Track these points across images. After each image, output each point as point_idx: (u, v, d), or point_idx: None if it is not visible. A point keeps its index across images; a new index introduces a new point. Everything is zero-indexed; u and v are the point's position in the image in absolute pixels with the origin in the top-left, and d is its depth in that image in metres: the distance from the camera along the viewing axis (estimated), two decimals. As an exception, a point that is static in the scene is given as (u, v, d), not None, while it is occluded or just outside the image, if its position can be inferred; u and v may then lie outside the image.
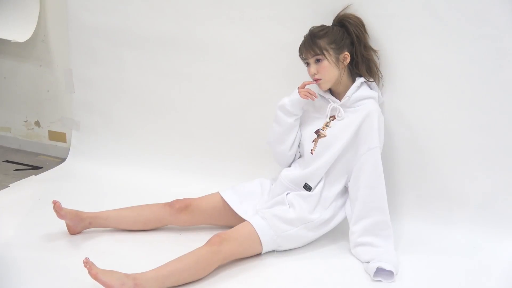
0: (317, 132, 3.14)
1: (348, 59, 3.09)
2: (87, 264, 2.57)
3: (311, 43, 3.06)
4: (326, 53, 3.04)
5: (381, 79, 3.22)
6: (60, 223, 3.18)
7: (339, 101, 3.12)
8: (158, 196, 3.35)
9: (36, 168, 4.33)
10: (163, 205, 3.24)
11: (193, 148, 3.93)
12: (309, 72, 3.10)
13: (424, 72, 3.17)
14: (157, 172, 3.98)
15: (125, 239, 3.18)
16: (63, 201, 3.13)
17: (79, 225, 3.18)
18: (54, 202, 3.09)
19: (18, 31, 4.37)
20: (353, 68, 3.15)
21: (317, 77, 3.07)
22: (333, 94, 3.19)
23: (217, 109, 3.81)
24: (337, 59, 3.07)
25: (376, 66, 3.19)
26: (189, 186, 3.63)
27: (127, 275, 2.59)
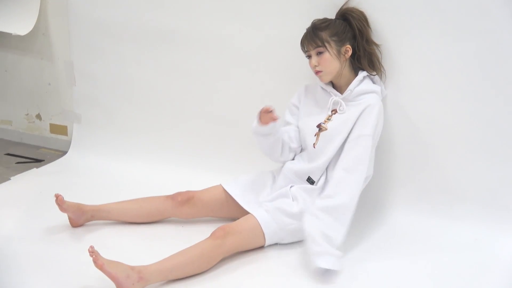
0: (319, 126, 3.14)
1: (350, 52, 3.09)
2: (93, 254, 2.57)
3: (313, 35, 3.06)
4: (328, 45, 3.04)
5: (383, 73, 3.21)
6: (62, 216, 3.18)
7: (341, 95, 3.13)
8: (160, 189, 3.35)
9: (38, 161, 4.33)
10: (165, 198, 3.24)
11: (195, 141, 3.94)
12: (310, 65, 3.10)
13: (426, 66, 3.17)
14: (159, 165, 3.98)
15: (128, 232, 3.18)
16: (65, 194, 3.13)
17: (81, 218, 3.18)
18: (57, 196, 3.09)
19: (19, 24, 4.37)
20: (355, 62, 3.15)
21: (318, 69, 3.07)
22: (335, 88, 3.19)
23: (218, 103, 3.81)
24: (339, 52, 3.06)
25: (378, 60, 3.19)
26: (191, 179, 3.62)
27: (132, 268, 2.58)
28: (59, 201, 3.10)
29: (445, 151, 3.22)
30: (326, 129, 3.11)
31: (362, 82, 3.11)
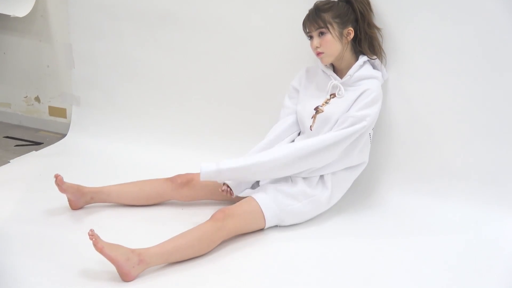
0: (316, 109, 3.14)
1: (352, 35, 3.08)
2: (93, 237, 2.57)
3: (315, 16, 3.04)
4: (330, 27, 3.02)
5: (384, 57, 3.20)
6: (62, 199, 3.18)
7: (340, 79, 3.12)
8: (160, 171, 3.35)
9: (37, 144, 4.32)
10: (165, 180, 3.24)
11: (195, 123, 3.93)
12: (312, 46, 3.08)
13: (426, 48, 3.16)
14: (158, 147, 3.98)
15: (127, 214, 3.17)
16: (64, 177, 3.12)
17: (81, 200, 3.18)
18: (56, 176, 3.09)
19: (18, 6, 4.34)
20: (356, 46, 3.13)
21: (320, 51, 3.06)
22: (336, 71, 3.19)
23: (218, 84, 3.80)
24: (341, 34, 3.05)
25: (379, 44, 3.18)
26: (191, 161, 3.60)
27: (132, 251, 2.58)
28: (59, 181, 3.09)
29: (446, 132, 3.22)
30: (323, 112, 3.10)
31: (362, 67, 3.11)
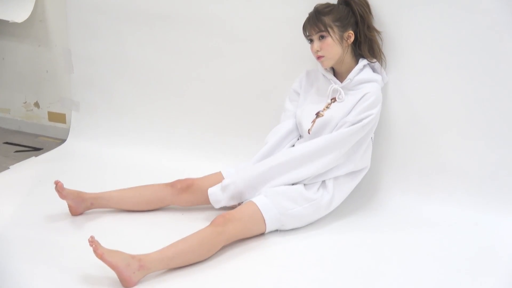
0: (317, 114, 3.14)
1: (352, 38, 3.08)
2: (93, 243, 2.56)
3: (316, 20, 3.04)
4: (331, 30, 3.02)
5: (384, 61, 3.20)
6: (62, 204, 3.17)
7: (341, 83, 3.12)
8: (160, 175, 3.35)
9: (36, 150, 4.32)
10: (165, 185, 3.23)
11: (195, 126, 3.93)
12: (312, 49, 3.09)
13: (425, 47, 3.16)
14: (159, 152, 3.97)
15: (127, 220, 3.17)
16: (64, 182, 3.12)
17: (81, 206, 3.18)
18: (56, 182, 3.08)
19: (16, 11, 4.35)
20: (356, 49, 3.13)
21: (320, 54, 3.06)
22: (336, 75, 3.19)
23: (218, 86, 3.80)
24: (341, 37, 3.05)
25: (379, 47, 3.18)
26: (191, 165, 3.63)
27: (133, 256, 2.58)
28: (59, 188, 3.09)
29: (445, 132, 3.22)
30: (323, 116, 3.10)
31: (362, 71, 3.11)
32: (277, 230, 3.02)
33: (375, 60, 3.16)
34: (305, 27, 3.11)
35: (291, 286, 2.61)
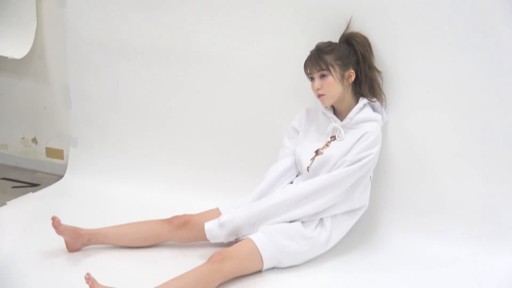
0: (316, 151, 3.15)
1: (353, 77, 3.11)
2: (89, 280, 2.56)
3: (318, 58, 3.06)
4: (332, 69, 3.04)
5: (384, 100, 3.22)
6: (59, 240, 3.16)
7: (341, 122, 3.13)
8: (157, 212, 3.34)
9: (34, 185, 4.31)
10: (162, 221, 3.22)
11: (192, 162, 3.92)
12: (313, 87, 3.10)
13: (423, 86, 3.18)
14: (156, 187, 3.96)
15: (124, 256, 3.15)
16: (61, 218, 3.11)
17: (78, 242, 3.16)
18: (53, 218, 3.07)
19: (15, 48, 4.37)
20: (357, 87, 3.15)
21: (321, 93, 3.08)
22: (336, 113, 3.20)
23: (216, 122, 3.81)
24: (342, 76, 3.07)
25: (379, 87, 3.20)
26: (189, 201, 3.62)
27: (129, 294, 2.57)
28: (56, 224, 3.08)
29: (441, 169, 3.23)
30: (322, 154, 3.11)
31: (362, 110, 3.12)
32: (274, 268, 3.00)
33: (375, 100, 3.17)
34: (306, 65, 3.12)
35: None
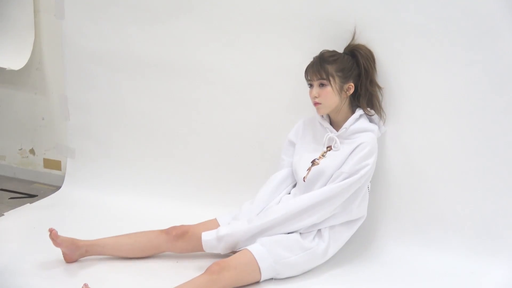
0: (313, 162, 3.15)
1: (352, 90, 3.11)
2: (87, 292, 2.56)
3: (319, 66, 3.07)
4: (332, 80, 3.05)
5: (384, 116, 3.22)
6: (56, 252, 3.15)
7: (336, 132, 3.13)
8: (155, 223, 3.33)
9: (31, 196, 4.31)
10: (160, 232, 3.22)
11: (190, 174, 3.92)
12: (311, 94, 3.11)
13: (421, 98, 3.19)
14: (154, 198, 3.96)
15: (122, 267, 3.15)
16: (59, 229, 3.10)
17: (76, 253, 3.16)
18: (51, 230, 3.07)
19: (13, 59, 4.37)
20: (354, 100, 3.16)
21: (317, 101, 3.08)
22: (332, 123, 3.20)
23: (214, 135, 3.81)
24: (341, 88, 3.08)
25: (379, 102, 3.20)
26: (187, 213, 3.62)
27: (127, 304, 2.57)
28: (53, 236, 3.08)
29: (440, 184, 3.23)
30: (318, 164, 3.11)
31: (358, 121, 3.12)
32: (272, 279, 3.00)
33: (373, 113, 3.17)
34: (308, 71, 3.12)
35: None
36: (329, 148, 3.14)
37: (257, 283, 2.97)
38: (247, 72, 3.61)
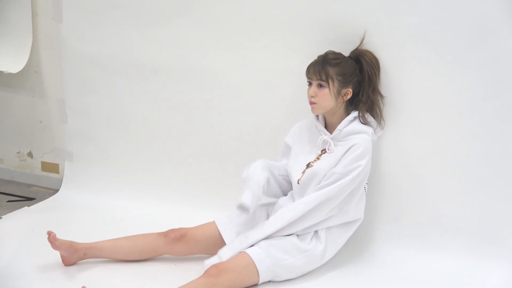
0: (308, 165, 3.15)
1: (349, 96, 3.10)
2: (85, 294, 2.56)
3: (320, 67, 3.06)
4: (331, 82, 3.04)
5: (383, 124, 3.22)
6: (55, 254, 3.16)
7: (330, 134, 3.13)
8: (153, 226, 3.34)
9: (29, 200, 4.30)
10: (158, 235, 3.22)
11: (188, 177, 3.92)
12: (308, 92, 3.10)
13: (419, 101, 3.19)
14: (152, 202, 3.96)
15: (120, 270, 3.15)
16: (57, 232, 3.11)
17: (74, 256, 3.16)
18: (49, 233, 3.08)
19: (11, 62, 4.38)
20: (351, 105, 3.17)
21: (313, 101, 3.08)
22: (327, 125, 3.20)
23: (212, 138, 3.81)
24: (339, 92, 3.07)
25: (380, 111, 3.20)
26: (185, 216, 3.61)
27: (125, 307, 2.57)
28: (51, 238, 3.08)
29: (438, 186, 3.23)
30: (313, 167, 3.11)
31: (352, 123, 3.12)
32: (270, 281, 3.00)
33: (369, 121, 3.15)
34: (309, 69, 3.11)
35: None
36: (324, 151, 3.14)
37: (255, 286, 2.97)
38: (246, 76, 3.61)
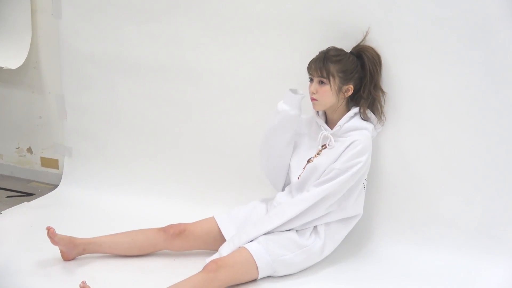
0: (308, 160, 3.16)
1: (350, 92, 3.10)
2: (84, 288, 2.56)
3: (322, 64, 3.05)
4: (332, 79, 3.04)
5: (384, 120, 3.22)
6: (54, 250, 3.16)
7: (331, 130, 3.14)
8: (152, 222, 3.34)
9: (28, 195, 4.31)
10: (157, 230, 3.22)
11: (187, 174, 3.92)
12: (309, 89, 3.10)
13: (418, 98, 3.18)
14: (151, 198, 3.96)
15: (120, 265, 3.16)
16: (56, 228, 3.11)
17: (73, 251, 3.16)
18: (48, 228, 3.08)
19: (10, 58, 4.37)
20: (352, 101, 3.17)
21: (314, 97, 3.08)
22: (328, 121, 3.20)
23: (210, 135, 3.81)
24: (340, 89, 3.07)
25: (381, 107, 3.19)
26: (184, 212, 3.62)
27: (124, 302, 2.57)
28: (51, 234, 3.08)
29: (436, 183, 3.23)
30: (313, 162, 3.12)
31: (353, 119, 3.12)
32: (269, 277, 3.01)
33: (370, 117, 3.15)
34: (310, 65, 3.10)
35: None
36: (324, 147, 3.15)
37: (254, 281, 2.97)
38: (244, 73, 3.61)
